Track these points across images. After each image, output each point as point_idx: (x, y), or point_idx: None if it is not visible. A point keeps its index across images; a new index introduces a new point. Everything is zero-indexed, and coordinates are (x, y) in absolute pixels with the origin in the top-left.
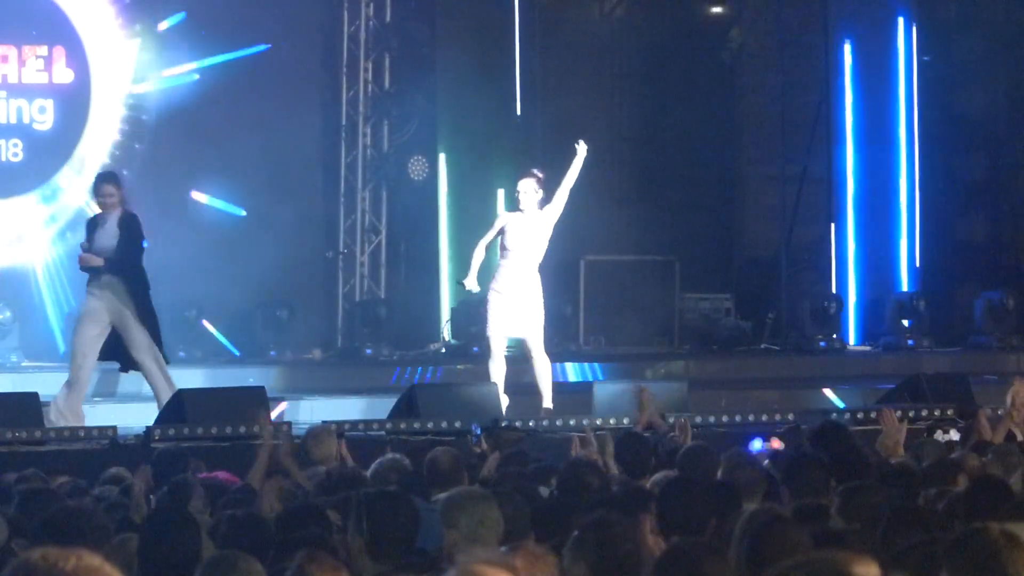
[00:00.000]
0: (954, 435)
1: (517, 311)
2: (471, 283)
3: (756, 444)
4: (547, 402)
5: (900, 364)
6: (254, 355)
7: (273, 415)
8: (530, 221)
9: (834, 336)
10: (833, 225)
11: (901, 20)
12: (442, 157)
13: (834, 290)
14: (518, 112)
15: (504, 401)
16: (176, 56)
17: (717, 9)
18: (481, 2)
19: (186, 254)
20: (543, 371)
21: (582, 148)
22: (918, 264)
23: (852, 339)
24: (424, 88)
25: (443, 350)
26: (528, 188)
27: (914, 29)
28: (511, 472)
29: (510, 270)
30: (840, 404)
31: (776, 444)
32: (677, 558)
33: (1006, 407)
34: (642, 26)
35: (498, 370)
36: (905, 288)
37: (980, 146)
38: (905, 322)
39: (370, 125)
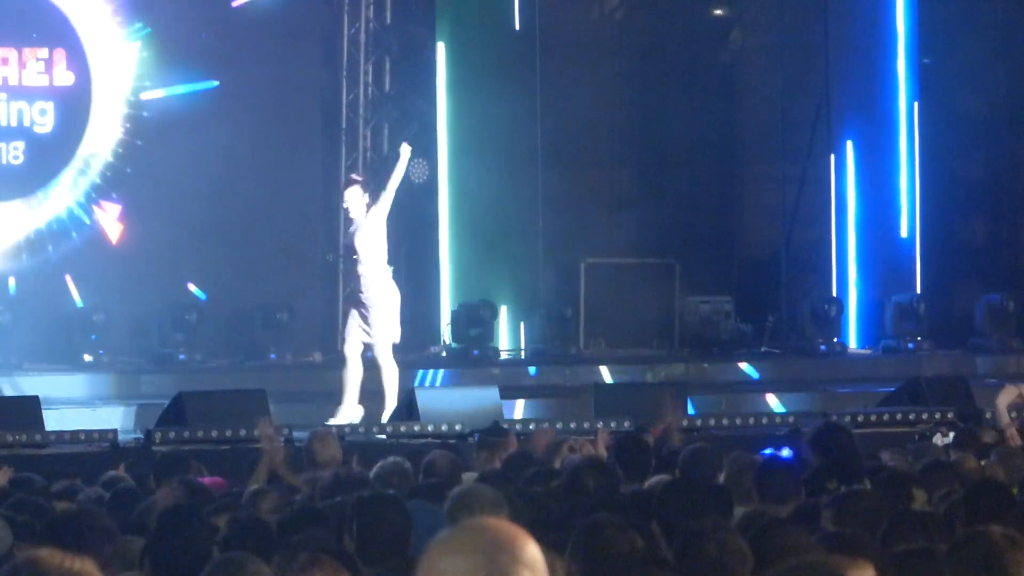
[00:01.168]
0: (952, 438)
1: (372, 315)
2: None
3: (785, 452)
4: (390, 411)
5: (900, 367)
6: (254, 357)
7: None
8: (362, 227)
9: (834, 339)
10: (833, 227)
11: (901, 21)
12: (444, 159)
13: (834, 292)
14: (518, 111)
15: (359, 411)
16: (174, 60)
17: (717, 11)
18: (481, 5)
19: (187, 256)
20: (389, 379)
21: (405, 149)
22: (918, 266)
23: (853, 342)
24: (424, 90)
25: (443, 353)
26: (354, 196)
27: (915, 29)
28: (512, 475)
29: (364, 276)
30: (782, 409)
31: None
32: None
33: (998, 413)
34: (642, 28)
35: (354, 377)
36: (905, 291)
37: (980, 147)
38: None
39: (370, 128)
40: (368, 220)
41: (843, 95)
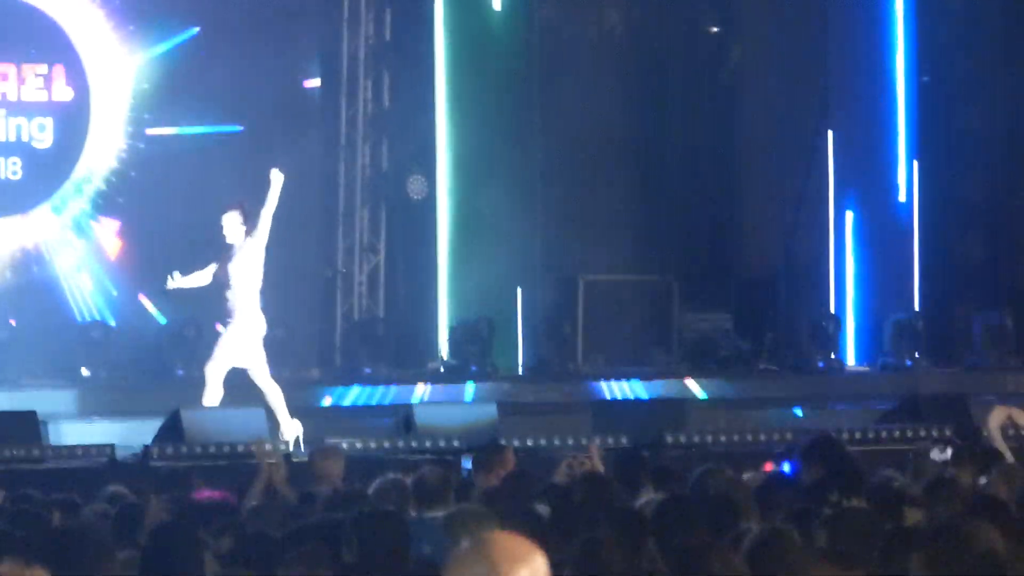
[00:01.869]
0: (950, 454)
1: (239, 342)
2: (174, 281)
3: (786, 467)
4: (286, 428)
5: (898, 384)
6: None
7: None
8: (238, 253)
9: (832, 356)
10: (832, 244)
11: (901, 39)
12: (443, 175)
13: (832, 310)
14: (518, 128)
15: (297, 426)
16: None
17: (716, 27)
18: (481, 20)
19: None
20: (275, 399)
21: (277, 177)
22: (917, 284)
23: (851, 359)
24: (424, 107)
25: (441, 369)
26: (231, 222)
27: (914, 47)
28: (510, 490)
29: (231, 302)
30: (703, 395)
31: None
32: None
33: (992, 436)
34: (642, 44)
35: (211, 400)
36: (904, 308)
37: (979, 165)
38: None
39: (369, 144)
40: (245, 246)
41: (842, 112)
